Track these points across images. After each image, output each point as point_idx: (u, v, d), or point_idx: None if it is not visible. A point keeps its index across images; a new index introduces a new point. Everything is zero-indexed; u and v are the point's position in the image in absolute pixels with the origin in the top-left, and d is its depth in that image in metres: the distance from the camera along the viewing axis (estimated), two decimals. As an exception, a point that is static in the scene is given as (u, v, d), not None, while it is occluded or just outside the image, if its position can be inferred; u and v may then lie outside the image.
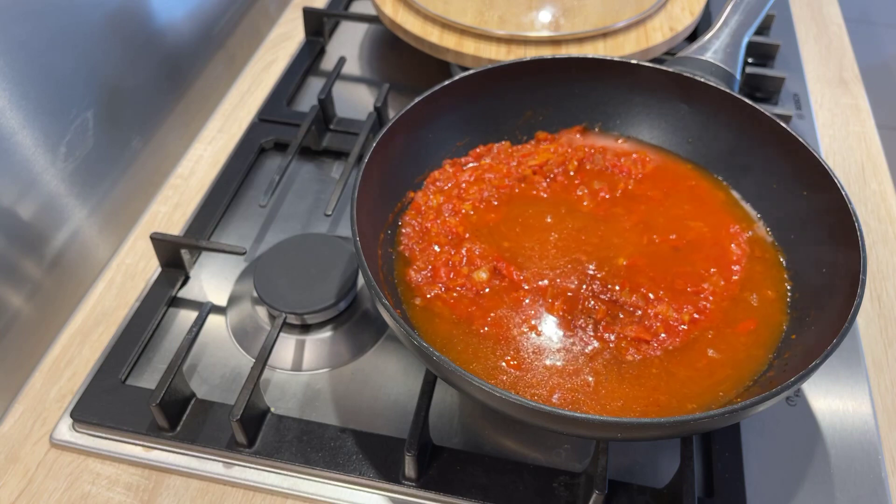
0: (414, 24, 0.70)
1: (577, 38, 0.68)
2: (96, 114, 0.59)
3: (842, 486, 0.46)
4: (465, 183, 0.55)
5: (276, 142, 0.68)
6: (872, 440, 0.48)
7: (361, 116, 0.69)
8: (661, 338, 0.46)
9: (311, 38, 0.81)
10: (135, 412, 0.48)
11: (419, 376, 0.51)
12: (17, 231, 0.52)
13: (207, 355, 0.53)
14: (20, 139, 0.51)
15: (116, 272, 0.59)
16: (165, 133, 0.69)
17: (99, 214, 0.60)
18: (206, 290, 0.57)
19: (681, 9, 0.72)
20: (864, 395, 0.51)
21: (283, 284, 0.52)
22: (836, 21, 0.87)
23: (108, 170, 0.61)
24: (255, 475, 0.47)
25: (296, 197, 0.64)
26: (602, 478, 0.42)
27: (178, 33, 0.70)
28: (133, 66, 0.63)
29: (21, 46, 0.50)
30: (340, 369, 0.52)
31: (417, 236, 0.52)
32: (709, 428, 0.40)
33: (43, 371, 0.53)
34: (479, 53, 0.67)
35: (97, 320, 0.56)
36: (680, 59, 0.57)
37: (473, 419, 0.49)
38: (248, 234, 0.61)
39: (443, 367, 0.38)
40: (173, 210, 0.64)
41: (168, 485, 0.47)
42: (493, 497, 0.44)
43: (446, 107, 0.55)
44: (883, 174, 0.68)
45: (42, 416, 0.50)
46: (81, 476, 0.47)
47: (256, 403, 0.47)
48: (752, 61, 0.77)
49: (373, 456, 0.46)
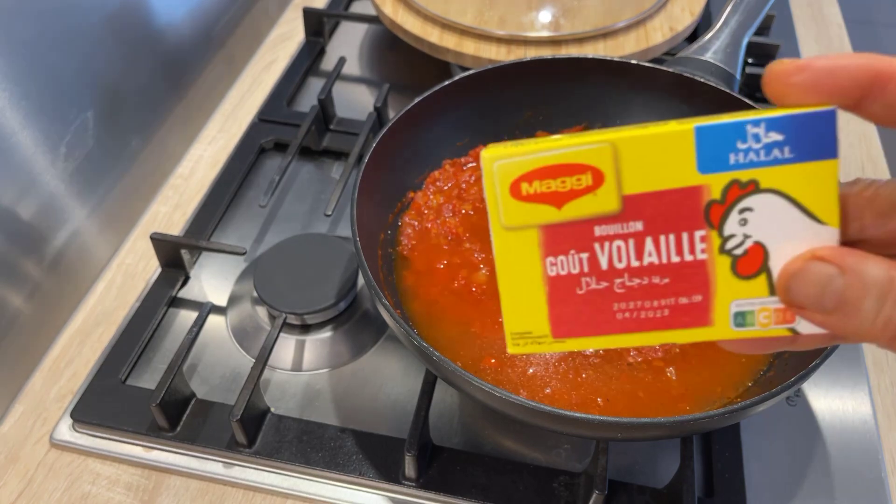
0: (414, 24, 0.70)
1: (577, 38, 0.68)
2: (96, 114, 0.59)
3: (842, 486, 0.46)
4: (465, 183, 0.55)
5: (276, 142, 0.68)
6: (872, 440, 0.48)
7: (361, 116, 0.69)
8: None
9: (311, 39, 0.81)
10: (135, 412, 0.48)
11: (419, 376, 0.51)
12: (17, 231, 0.52)
13: (207, 355, 0.53)
14: (20, 139, 0.51)
15: (116, 272, 0.59)
16: (165, 133, 0.69)
17: (99, 214, 0.60)
18: (206, 290, 0.57)
19: (681, 9, 0.72)
20: (864, 395, 0.51)
21: (283, 284, 0.52)
22: (836, 21, 0.87)
23: (108, 170, 0.61)
24: (255, 475, 0.47)
25: (296, 197, 0.64)
26: (602, 478, 0.42)
27: (178, 33, 0.70)
28: (133, 66, 0.63)
29: (22, 46, 0.50)
30: (340, 369, 0.52)
31: (417, 236, 0.52)
32: (709, 428, 0.40)
33: (43, 371, 0.53)
34: (479, 53, 0.67)
35: (97, 320, 0.56)
36: (680, 59, 0.57)
37: (473, 419, 0.49)
38: (248, 234, 0.61)
39: (443, 367, 0.38)
40: (173, 210, 0.64)
41: (168, 485, 0.47)
42: (493, 497, 0.44)
43: (446, 107, 0.55)
44: (883, 174, 0.68)
45: (42, 416, 0.50)
46: (81, 476, 0.47)
47: (256, 403, 0.47)
48: (752, 61, 0.77)
49: (373, 456, 0.46)
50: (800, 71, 0.21)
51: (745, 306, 0.24)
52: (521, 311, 0.25)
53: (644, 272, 0.24)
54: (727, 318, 0.24)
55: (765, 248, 0.23)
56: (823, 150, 0.22)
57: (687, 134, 0.22)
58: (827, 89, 0.21)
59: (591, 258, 0.24)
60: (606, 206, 0.23)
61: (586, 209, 0.23)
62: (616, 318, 0.25)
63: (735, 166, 0.22)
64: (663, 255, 0.24)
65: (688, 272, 0.24)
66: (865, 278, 0.21)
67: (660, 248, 0.24)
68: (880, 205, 0.23)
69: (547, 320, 0.25)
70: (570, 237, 0.24)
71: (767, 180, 0.22)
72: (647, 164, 0.23)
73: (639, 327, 0.25)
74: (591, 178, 0.23)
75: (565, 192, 0.23)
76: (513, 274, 0.25)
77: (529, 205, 0.24)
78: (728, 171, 0.22)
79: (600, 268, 0.24)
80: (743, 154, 0.22)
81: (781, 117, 0.22)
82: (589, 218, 0.24)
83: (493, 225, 0.24)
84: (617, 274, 0.24)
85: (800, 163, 0.22)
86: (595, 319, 0.25)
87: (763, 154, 0.22)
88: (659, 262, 0.24)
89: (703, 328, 0.24)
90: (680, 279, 0.24)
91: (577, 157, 0.23)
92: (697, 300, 0.24)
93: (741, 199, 0.23)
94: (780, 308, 0.23)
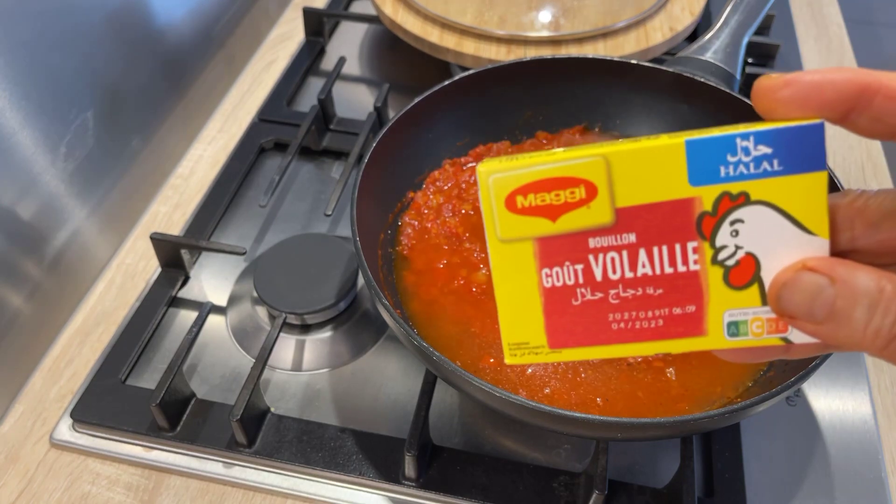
0: (414, 24, 0.70)
1: (577, 38, 0.68)
2: (96, 114, 0.59)
3: (842, 486, 0.46)
4: (465, 183, 0.55)
5: (276, 142, 0.68)
6: (872, 440, 0.48)
7: (361, 116, 0.69)
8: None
9: (311, 38, 0.81)
10: (135, 412, 0.48)
11: (419, 376, 0.51)
12: (17, 231, 0.52)
13: (207, 355, 0.53)
14: (20, 139, 0.51)
15: (116, 272, 0.59)
16: (165, 133, 0.69)
17: (99, 214, 0.60)
18: (206, 290, 0.57)
19: (681, 9, 0.72)
20: (864, 395, 0.51)
21: (283, 284, 0.52)
22: (836, 21, 0.87)
23: (108, 170, 0.61)
24: (255, 475, 0.47)
25: (296, 197, 0.64)
26: (602, 478, 0.42)
27: (178, 33, 0.70)
28: (133, 66, 0.63)
29: (22, 47, 0.50)
30: (340, 369, 0.52)
31: (417, 236, 0.52)
32: (709, 428, 0.40)
33: (43, 371, 0.53)
34: (479, 53, 0.67)
35: (97, 320, 0.56)
36: (680, 59, 0.57)
37: (473, 419, 0.49)
38: (248, 234, 0.61)
39: (443, 367, 0.38)
40: (173, 210, 0.64)
41: (168, 485, 0.47)
42: (493, 497, 0.44)
43: (446, 107, 0.55)
44: (883, 174, 0.68)
45: (42, 416, 0.50)
46: (81, 476, 0.47)
47: (256, 403, 0.47)
48: (752, 61, 0.77)
49: (373, 456, 0.46)
50: (787, 85, 0.22)
51: (738, 316, 0.24)
52: (518, 322, 0.26)
53: (638, 283, 0.24)
54: (720, 328, 0.24)
55: (756, 258, 0.23)
56: (812, 162, 0.22)
57: (678, 147, 0.23)
58: (814, 104, 0.22)
59: (585, 269, 0.25)
60: (600, 218, 0.24)
61: (580, 222, 0.24)
62: (611, 328, 0.25)
63: (726, 179, 0.23)
64: (657, 267, 0.24)
65: (681, 283, 0.24)
66: (856, 288, 0.21)
67: (653, 260, 0.24)
68: (870, 215, 0.23)
69: (543, 331, 0.26)
70: (565, 249, 0.24)
71: (757, 192, 0.23)
72: (639, 177, 0.23)
73: (634, 337, 0.25)
74: (585, 191, 0.24)
75: (559, 204, 0.24)
76: (509, 285, 0.26)
77: (525, 217, 0.24)
78: (719, 184, 0.23)
79: (595, 279, 0.25)
80: (733, 167, 0.23)
81: (770, 131, 0.22)
82: (583, 230, 0.24)
83: (490, 238, 0.25)
84: (611, 285, 0.25)
85: (789, 175, 0.22)
86: (591, 330, 0.25)
87: (753, 167, 0.22)
88: (652, 272, 0.24)
89: (696, 338, 0.25)
90: (673, 290, 0.24)
91: (570, 170, 0.24)
92: (691, 310, 0.24)
93: (732, 211, 0.23)
94: (772, 318, 0.24)
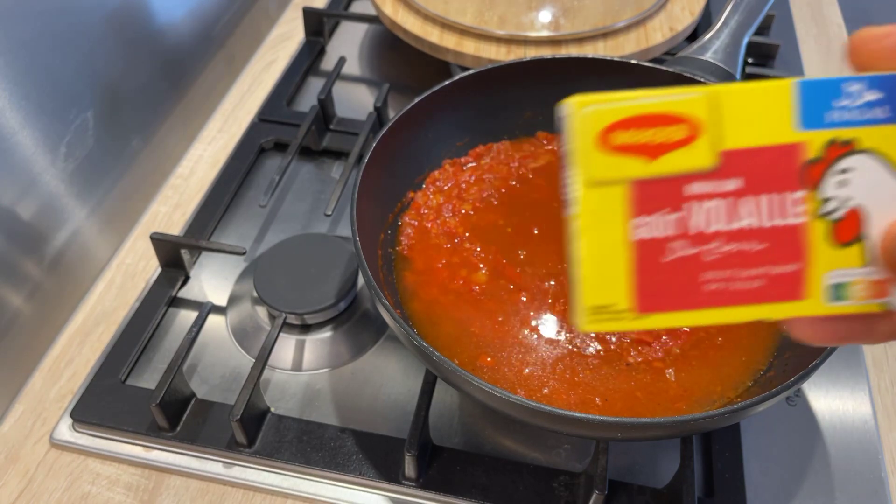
0: (414, 24, 0.70)
1: (577, 38, 0.68)
2: (96, 114, 0.59)
3: (842, 486, 0.46)
4: (465, 183, 0.55)
5: (276, 142, 0.68)
6: (872, 440, 0.48)
7: (361, 116, 0.69)
8: (663, 340, 0.46)
9: (311, 38, 0.81)
10: (135, 412, 0.48)
11: (419, 376, 0.51)
12: (17, 231, 0.52)
13: (207, 355, 0.53)
14: (20, 139, 0.51)
15: (116, 272, 0.59)
16: (165, 133, 0.69)
17: (99, 214, 0.60)
18: (206, 290, 0.57)
19: (681, 9, 0.72)
20: (864, 395, 0.51)
21: (283, 284, 0.52)
22: (836, 21, 0.87)
23: (108, 170, 0.61)
24: (255, 475, 0.47)
25: (296, 197, 0.64)
26: (602, 478, 0.42)
27: (178, 33, 0.70)
28: (133, 66, 0.63)
29: (22, 47, 0.50)
30: (340, 369, 0.52)
31: (417, 236, 0.52)
32: (709, 428, 0.40)
33: (43, 371, 0.53)
34: (479, 53, 0.67)
35: (97, 320, 0.56)
36: (680, 59, 0.57)
37: (473, 419, 0.49)
38: (248, 234, 0.61)
39: (443, 366, 0.38)
40: (173, 210, 0.64)
41: (168, 485, 0.47)
42: (493, 497, 0.44)
43: (446, 107, 0.55)
44: None
45: (42, 416, 0.50)
46: (81, 476, 0.47)
47: (256, 403, 0.47)
48: (752, 61, 0.77)
49: (373, 456, 0.46)
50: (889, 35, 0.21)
51: (842, 277, 0.22)
52: (601, 282, 0.23)
53: (736, 237, 0.22)
54: (821, 292, 0.22)
55: (863, 212, 0.21)
56: None
57: (788, 88, 0.21)
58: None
59: (679, 220, 0.22)
60: (701, 161, 0.21)
61: (679, 164, 0.22)
62: (703, 289, 0.22)
63: (832, 124, 0.21)
64: (758, 219, 0.22)
65: (784, 238, 0.22)
66: None
67: (756, 210, 0.22)
68: None
69: (630, 292, 0.23)
70: (661, 195, 0.22)
71: (866, 140, 0.21)
72: (744, 119, 0.21)
73: (728, 300, 0.22)
74: (686, 131, 0.21)
75: (657, 144, 0.22)
76: (594, 237, 0.22)
77: (618, 157, 0.22)
78: (826, 129, 0.21)
79: (689, 232, 0.22)
80: (838, 112, 0.21)
81: (884, 76, 0.21)
82: (682, 174, 0.22)
83: (577, 181, 0.22)
84: (706, 239, 0.22)
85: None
86: (680, 292, 0.22)
87: (860, 113, 0.21)
88: (753, 225, 0.22)
89: (794, 302, 0.22)
90: (775, 246, 0.22)
91: (672, 106, 0.21)
92: (792, 269, 0.22)
93: (840, 160, 0.21)
94: (874, 280, 0.22)
